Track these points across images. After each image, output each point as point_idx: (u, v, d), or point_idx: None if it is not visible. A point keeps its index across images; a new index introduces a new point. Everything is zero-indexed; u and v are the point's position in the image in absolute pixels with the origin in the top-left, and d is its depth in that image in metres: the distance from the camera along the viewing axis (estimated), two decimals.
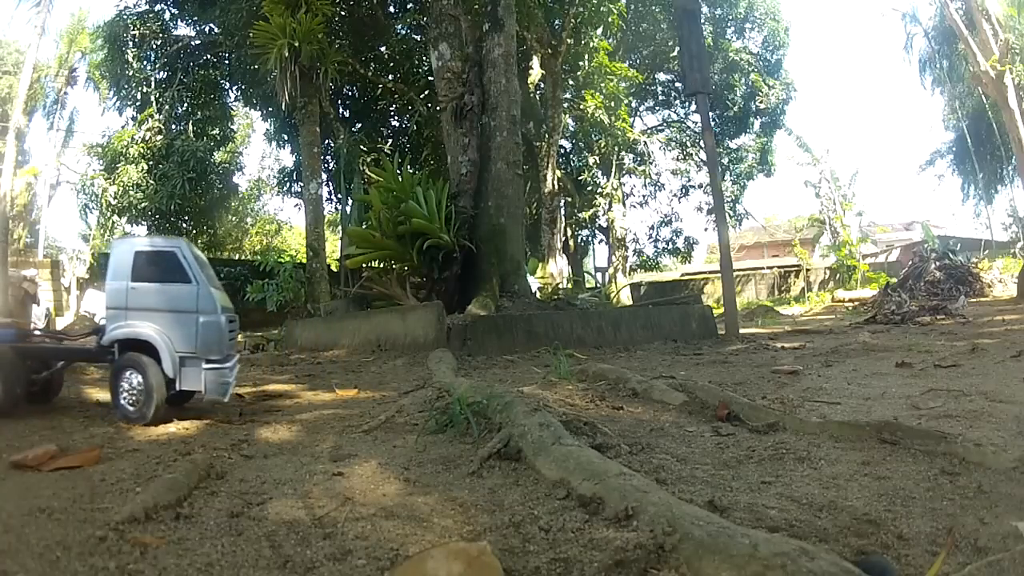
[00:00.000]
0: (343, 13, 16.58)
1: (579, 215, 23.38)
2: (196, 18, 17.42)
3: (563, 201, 21.83)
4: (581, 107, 18.89)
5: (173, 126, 17.69)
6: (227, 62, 18.06)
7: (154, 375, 3.35)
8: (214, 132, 19.31)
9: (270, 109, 18.30)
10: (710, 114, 11.39)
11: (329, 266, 15.38)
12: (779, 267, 29.72)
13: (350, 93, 19.69)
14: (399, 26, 17.73)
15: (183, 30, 18.09)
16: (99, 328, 3.78)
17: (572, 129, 22.27)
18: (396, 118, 20.53)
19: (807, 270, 25.48)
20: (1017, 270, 14.30)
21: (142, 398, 3.37)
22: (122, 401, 3.42)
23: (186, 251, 3.63)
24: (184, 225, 17.70)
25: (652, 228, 27.19)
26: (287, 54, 12.11)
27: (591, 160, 22.65)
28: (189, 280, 3.54)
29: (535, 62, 18.56)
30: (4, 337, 3.80)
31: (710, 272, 30.48)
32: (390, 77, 18.77)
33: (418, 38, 17.38)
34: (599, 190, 23.05)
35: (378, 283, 9.04)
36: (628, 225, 24.63)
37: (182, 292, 3.55)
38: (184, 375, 3.46)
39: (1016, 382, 3.73)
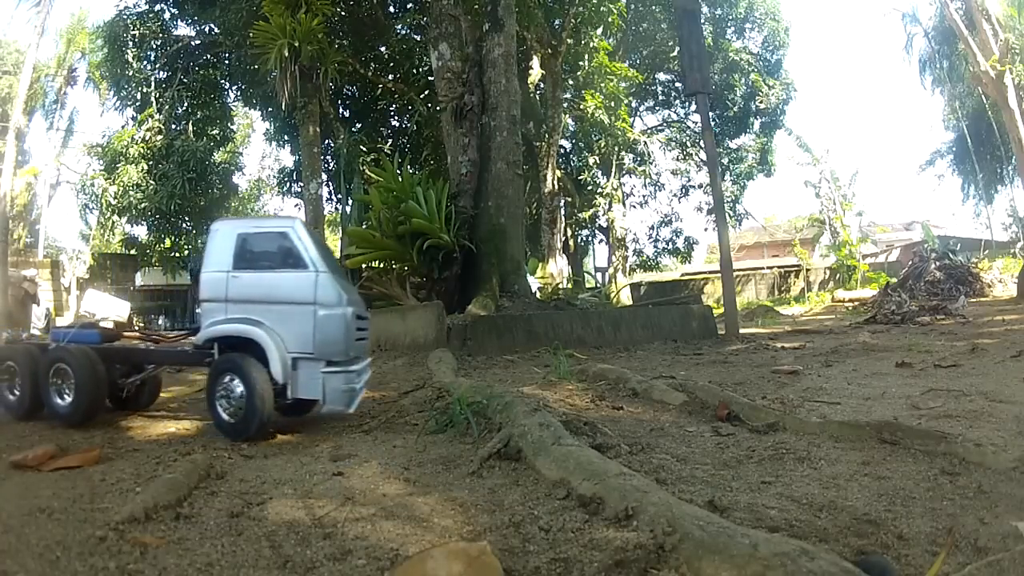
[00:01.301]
0: (343, 13, 16.57)
1: (579, 215, 23.36)
2: (196, 18, 17.40)
3: (563, 201, 21.82)
4: (581, 107, 18.88)
5: (173, 126, 17.67)
6: (227, 62, 18.05)
7: (259, 381, 2.82)
8: (214, 132, 19.30)
9: (270, 109, 18.29)
10: (710, 114, 11.39)
11: None
12: (779, 267, 29.70)
13: (350, 93, 19.68)
14: (399, 26, 17.72)
15: (183, 30, 18.09)
16: (198, 327, 3.29)
17: (572, 129, 22.25)
18: (396, 118, 20.52)
19: (807, 270, 25.48)
20: (1017, 270, 14.29)
21: (243, 408, 2.86)
22: (219, 411, 2.93)
23: (301, 232, 3.07)
24: (184, 225, 17.69)
25: (652, 228, 27.19)
26: (287, 54, 12.10)
27: (591, 160, 22.63)
28: (305, 266, 2.98)
29: (535, 62, 18.55)
30: (87, 339, 3.48)
31: (710, 272, 30.47)
32: (390, 77, 18.75)
33: (418, 38, 17.37)
34: (599, 190, 23.04)
35: (378, 283, 9.03)
36: (628, 225, 24.65)
37: (296, 280, 2.98)
38: (298, 380, 2.91)
39: (1016, 382, 3.73)
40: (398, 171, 9.40)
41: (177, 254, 18.47)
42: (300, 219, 3.31)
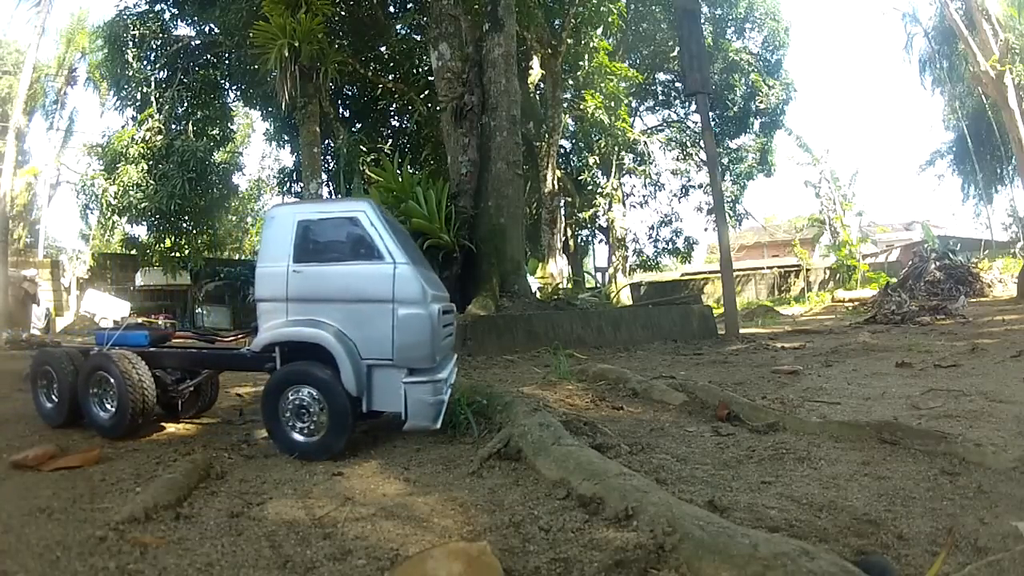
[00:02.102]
0: (343, 13, 16.58)
1: (579, 215, 23.37)
2: (196, 18, 17.41)
3: (563, 201, 21.83)
4: (581, 107, 18.88)
5: (173, 126, 17.67)
6: (227, 62, 18.06)
7: (340, 392, 2.48)
8: (214, 132, 19.29)
9: (270, 109, 18.30)
10: (710, 114, 11.39)
11: None
12: (779, 267, 29.70)
13: (350, 93, 19.69)
14: (399, 26, 17.73)
15: (183, 30, 18.09)
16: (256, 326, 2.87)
17: (572, 129, 22.26)
18: (396, 118, 20.53)
19: (807, 270, 25.48)
20: (1017, 270, 14.29)
21: (315, 424, 2.52)
22: (285, 427, 2.55)
23: (374, 216, 2.63)
24: (184, 225, 17.69)
25: (652, 228, 27.20)
26: (287, 54, 12.10)
27: (591, 160, 22.64)
28: (381, 256, 2.56)
29: (535, 62, 18.56)
30: (134, 341, 3.15)
31: (710, 272, 30.48)
32: (390, 77, 18.76)
33: (418, 38, 17.37)
34: (599, 190, 23.05)
35: None
36: (628, 225, 24.65)
37: (371, 274, 2.56)
38: (375, 392, 2.54)
39: (1016, 382, 3.73)
40: (398, 171, 9.39)
41: (177, 254, 18.46)
42: (372, 201, 2.75)
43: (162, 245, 18.40)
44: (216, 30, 16.80)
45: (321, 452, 2.51)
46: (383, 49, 18.60)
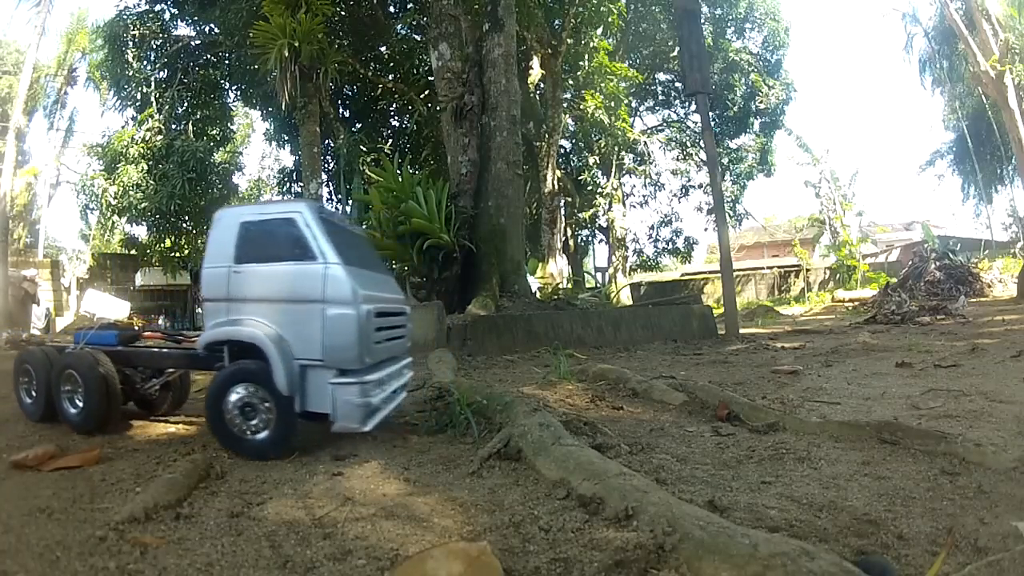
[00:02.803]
0: (343, 13, 16.59)
1: (579, 215, 23.38)
2: (196, 18, 17.42)
3: (563, 201, 21.83)
4: (581, 107, 18.89)
5: (173, 126, 17.70)
6: (227, 62, 18.07)
7: (276, 393, 2.53)
8: (214, 132, 19.32)
9: (270, 109, 18.32)
10: (710, 114, 11.40)
11: None
12: (779, 267, 29.71)
13: (350, 93, 19.71)
14: (399, 26, 17.74)
15: (183, 30, 18.11)
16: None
17: (572, 129, 22.27)
18: (396, 118, 20.54)
19: (807, 270, 25.49)
20: (1017, 270, 14.29)
21: (260, 422, 2.57)
22: (229, 426, 2.59)
23: (310, 217, 2.66)
24: (184, 225, 17.70)
25: (652, 228, 27.24)
26: (287, 54, 12.12)
27: (591, 160, 22.66)
28: (314, 257, 2.58)
29: (535, 62, 18.56)
30: (104, 340, 3.29)
31: (710, 272, 30.49)
32: (390, 77, 18.77)
33: (418, 38, 17.39)
34: (599, 190, 23.06)
35: None
36: (628, 225, 24.67)
37: (303, 274, 2.59)
38: (308, 392, 2.54)
39: (1016, 382, 3.73)
40: (398, 171, 9.40)
41: (177, 254, 18.48)
42: (316, 203, 2.83)
43: (162, 245, 18.42)
44: (216, 30, 16.81)
45: (265, 451, 2.53)
46: (383, 49, 18.61)
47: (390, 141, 19.84)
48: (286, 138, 20.19)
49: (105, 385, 2.97)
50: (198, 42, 17.91)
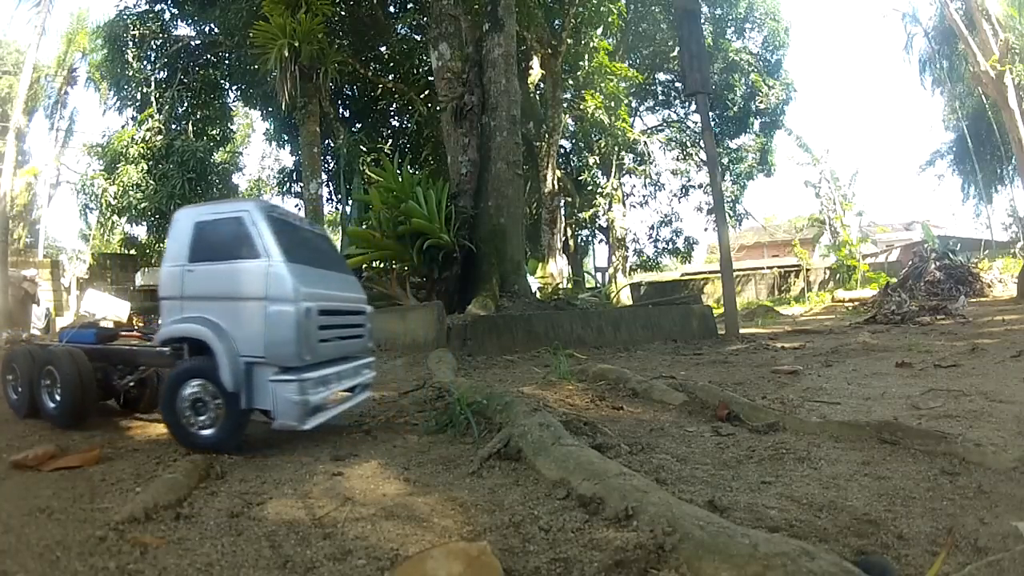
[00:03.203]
0: (343, 13, 16.59)
1: (579, 215, 23.37)
2: (196, 18, 17.41)
3: (563, 201, 21.82)
4: (581, 107, 18.89)
5: (173, 126, 17.70)
6: (227, 62, 18.07)
7: (219, 388, 2.58)
8: (214, 132, 19.32)
9: (270, 109, 18.31)
10: (710, 114, 11.40)
11: None
12: (779, 267, 29.70)
13: (350, 93, 19.70)
14: (399, 26, 17.73)
15: (183, 30, 18.10)
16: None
17: (572, 129, 22.27)
18: (396, 118, 20.53)
19: (807, 270, 25.48)
20: (1017, 270, 14.29)
21: (210, 418, 2.61)
22: (182, 421, 2.64)
23: (257, 216, 2.70)
24: None
25: (652, 228, 27.23)
26: (287, 54, 12.12)
27: (591, 160, 22.65)
28: (259, 255, 2.62)
29: (535, 62, 18.56)
30: (82, 339, 3.46)
31: (710, 272, 30.47)
32: (390, 77, 18.77)
33: (418, 38, 17.38)
34: (599, 190, 23.05)
35: (378, 283, 9.03)
36: (628, 225, 24.66)
37: (248, 272, 2.62)
38: (254, 389, 2.56)
39: (1016, 382, 3.73)
40: (398, 171, 9.40)
41: None
42: (266, 203, 2.89)
43: (162, 245, 18.40)
44: (216, 30, 16.81)
45: (214, 446, 2.57)
46: (383, 49, 18.60)
47: (390, 141, 19.83)
48: (286, 138, 20.18)
49: (80, 381, 3.12)
50: (198, 42, 17.91)
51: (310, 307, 2.59)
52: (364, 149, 17.23)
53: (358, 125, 19.48)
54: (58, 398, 3.18)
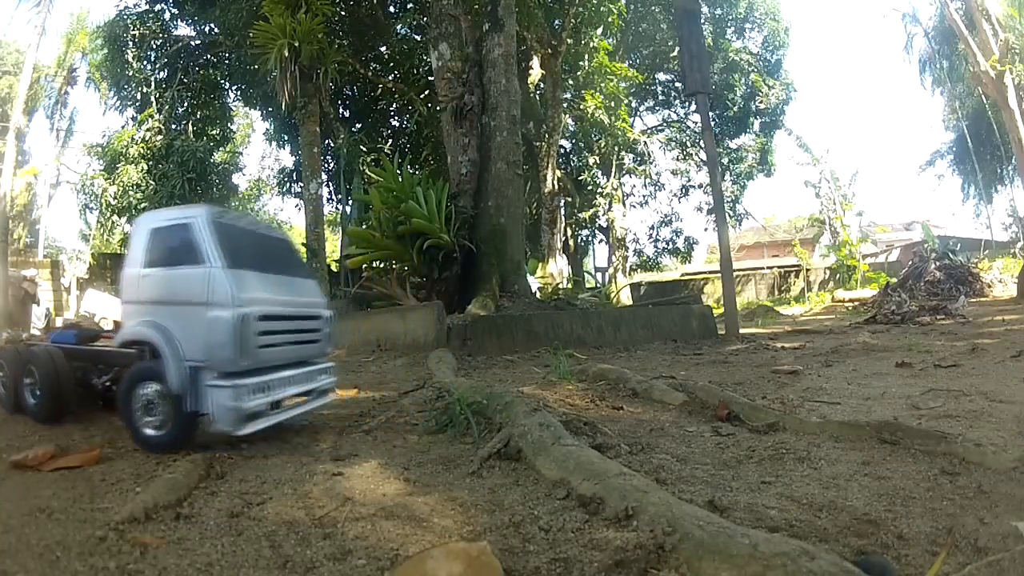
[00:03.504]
0: (343, 13, 16.59)
1: (579, 215, 23.37)
2: (196, 18, 17.42)
3: (563, 201, 21.83)
4: (581, 107, 18.89)
5: (173, 126, 17.70)
6: (227, 62, 18.08)
7: (168, 391, 2.65)
8: (214, 132, 19.32)
9: (270, 109, 18.32)
10: (710, 114, 11.40)
11: (329, 266, 15.39)
12: (779, 267, 29.70)
13: (350, 93, 19.70)
14: (399, 26, 17.73)
15: (183, 30, 18.11)
16: None
17: (572, 129, 22.27)
18: (396, 118, 20.54)
19: (807, 270, 25.48)
20: (1017, 270, 14.29)
21: (161, 419, 2.70)
22: (137, 421, 2.73)
23: (204, 221, 2.75)
24: None
25: (652, 228, 27.23)
26: (287, 54, 12.12)
27: (591, 160, 22.64)
28: (203, 260, 2.67)
29: (535, 62, 18.56)
30: (63, 339, 3.54)
31: (710, 272, 30.47)
32: (390, 77, 18.77)
33: (418, 38, 17.39)
34: (599, 190, 23.05)
35: (378, 283, 9.04)
36: (628, 225, 24.66)
37: (191, 277, 2.69)
38: (198, 393, 2.62)
39: (1016, 382, 3.72)
40: (398, 171, 9.40)
41: None
42: (216, 208, 2.95)
43: None
44: (216, 30, 16.82)
45: (162, 446, 2.66)
46: (383, 49, 18.61)
47: (390, 141, 19.83)
48: (286, 138, 20.19)
49: (57, 380, 3.18)
50: (198, 42, 17.92)
51: (247, 313, 2.61)
52: (364, 149, 17.23)
53: (358, 125, 19.48)
54: (38, 395, 3.29)
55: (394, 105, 19.79)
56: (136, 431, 2.74)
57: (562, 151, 22.75)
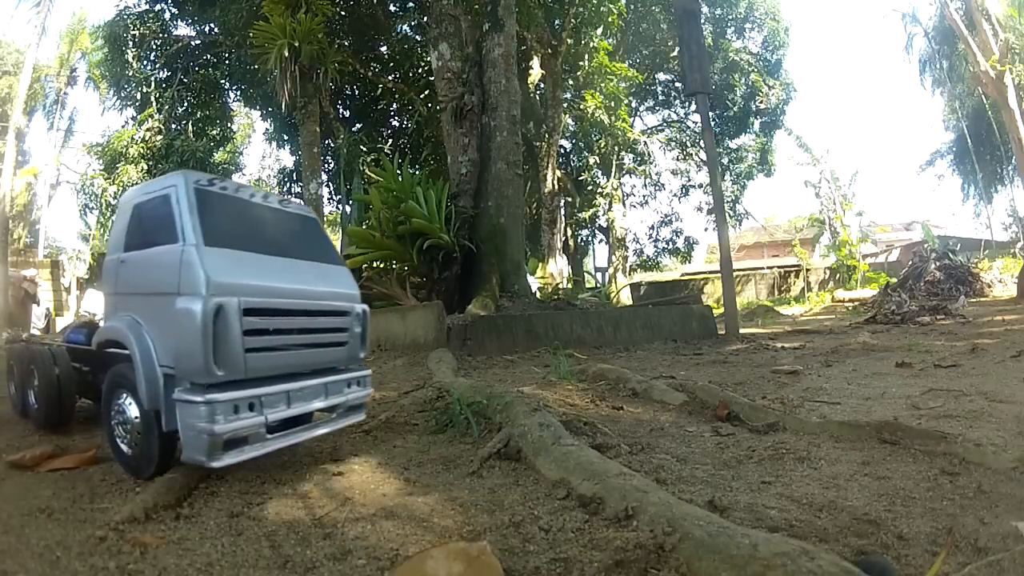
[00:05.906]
0: (343, 13, 16.58)
1: (579, 215, 23.37)
2: (196, 18, 17.42)
3: (563, 201, 21.82)
4: (581, 107, 18.90)
5: (173, 126, 17.71)
6: (227, 62, 18.07)
7: (136, 404, 2.14)
8: (214, 132, 19.32)
9: (270, 109, 18.31)
10: (710, 114, 11.39)
11: None
12: (779, 267, 29.69)
13: (350, 93, 19.70)
14: (399, 26, 17.74)
15: (183, 30, 18.11)
16: None
17: (572, 129, 22.27)
18: (396, 118, 20.54)
19: (807, 270, 25.48)
20: (1017, 270, 14.29)
21: (131, 435, 2.20)
22: (113, 435, 2.28)
23: (182, 190, 2.16)
24: None
25: (652, 228, 27.23)
26: (287, 54, 12.11)
27: (591, 160, 22.64)
28: (176, 238, 2.08)
29: (535, 62, 18.55)
30: (74, 340, 3.19)
31: (710, 272, 30.48)
32: (390, 77, 18.77)
33: (418, 38, 17.40)
34: (599, 190, 23.05)
35: (378, 283, 9.03)
36: (628, 225, 24.65)
37: (161, 259, 2.11)
38: (171, 408, 2.02)
39: (1016, 382, 3.72)
40: (398, 171, 9.39)
41: None
42: (200, 174, 2.31)
43: None
44: (216, 30, 16.81)
45: (132, 469, 2.19)
46: (383, 49, 18.60)
47: (390, 141, 19.83)
48: (286, 138, 20.17)
49: (57, 381, 2.89)
50: (198, 42, 17.91)
51: (223, 303, 1.94)
52: (364, 149, 17.23)
53: (358, 125, 19.48)
54: (37, 398, 3.10)
55: (394, 105, 19.79)
56: (115, 449, 2.28)
57: (562, 151, 22.75)
